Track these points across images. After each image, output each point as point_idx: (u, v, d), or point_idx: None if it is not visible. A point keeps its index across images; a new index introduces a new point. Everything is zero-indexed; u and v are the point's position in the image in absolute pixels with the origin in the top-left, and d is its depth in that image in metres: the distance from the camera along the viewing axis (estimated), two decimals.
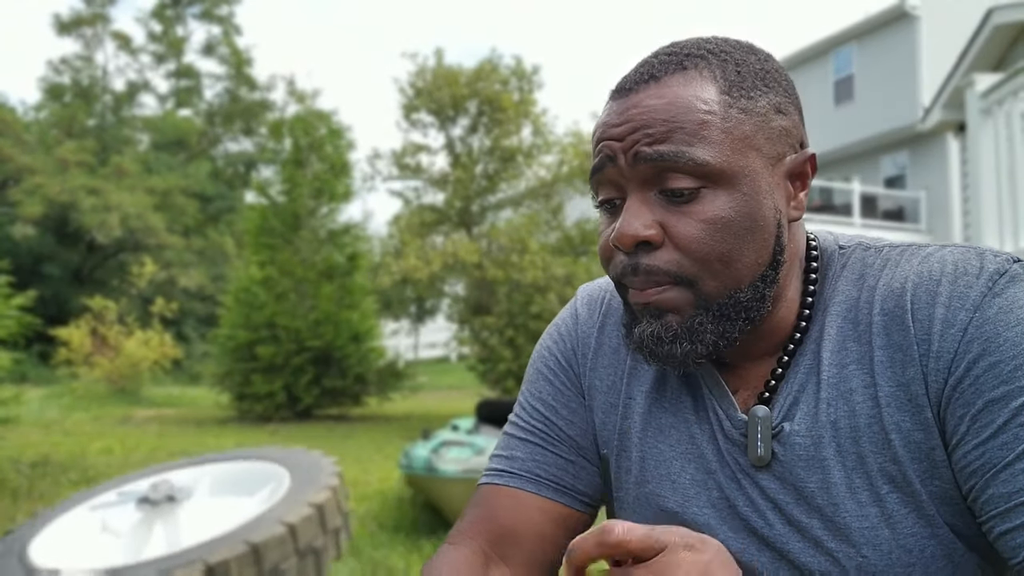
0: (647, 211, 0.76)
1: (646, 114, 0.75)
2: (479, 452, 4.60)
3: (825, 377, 0.78)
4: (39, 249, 23.11)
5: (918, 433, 0.73)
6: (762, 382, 0.82)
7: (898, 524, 0.74)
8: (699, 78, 0.76)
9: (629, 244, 0.76)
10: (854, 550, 0.75)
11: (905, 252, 0.79)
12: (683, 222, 0.75)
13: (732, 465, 0.81)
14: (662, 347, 0.77)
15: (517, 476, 0.91)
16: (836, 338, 0.78)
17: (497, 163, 11.30)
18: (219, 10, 29.92)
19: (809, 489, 0.76)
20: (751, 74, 0.77)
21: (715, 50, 0.78)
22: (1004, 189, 5.14)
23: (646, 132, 0.75)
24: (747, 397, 0.82)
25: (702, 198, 0.75)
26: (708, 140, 0.74)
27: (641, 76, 0.78)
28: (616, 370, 0.91)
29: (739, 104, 0.75)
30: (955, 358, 0.71)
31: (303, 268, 11.06)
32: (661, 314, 0.77)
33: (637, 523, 0.83)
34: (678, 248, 0.75)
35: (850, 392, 0.76)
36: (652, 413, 0.87)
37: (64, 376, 14.13)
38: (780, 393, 0.80)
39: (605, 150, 0.78)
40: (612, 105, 0.79)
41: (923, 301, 0.74)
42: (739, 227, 0.75)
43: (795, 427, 0.78)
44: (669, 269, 0.75)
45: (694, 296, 0.76)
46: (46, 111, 28.04)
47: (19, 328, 6.09)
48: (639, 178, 0.76)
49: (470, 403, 9.26)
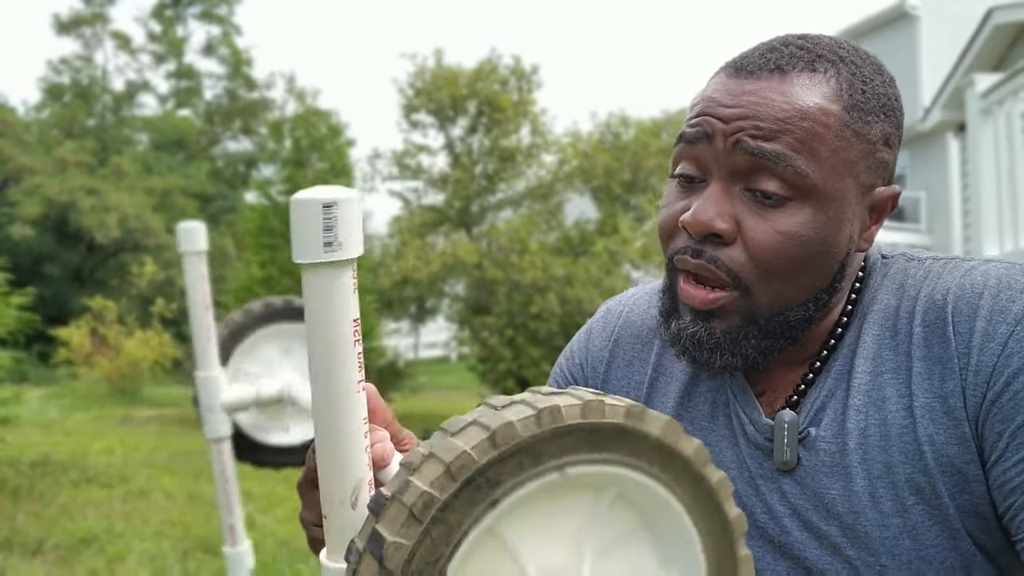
0: (727, 203, 0.73)
1: (762, 105, 0.72)
2: None
3: (856, 384, 0.76)
4: (39, 249, 23.10)
5: (952, 447, 0.72)
6: (792, 386, 0.81)
7: (921, 535, 0.73)
8: (825, 85, 0.73)
9: (701, 232, 0.74)
10: (873, 558, 0.74)
11: (948, 264, 0.78)
12: (761, 226, 0.73)
13: (753, 471, 0.80)
14: (701, 352, 0.75)
15: None
16: (872, 346, 0.77)
17: (496, 163, 11.30)
18: (219, 10, 29.91)
19: (831, 496, 0.76)
20: (874, 97, 0.74)
21: (847, 59, 0.75)
22: (1004, 189, 5.14)
23: (756, 124, 0.71)
24: (774, 399, 0.81)
25: (786, 208, 0.72)
26: (815, 153, 0.71)
27: (766, 62, 0.74)
28: (632, 381, 0.90)
29: (855, 126, 0.73)
30: (994, 372, 0.70)
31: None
32: (708, 317, 0.75)
33: None
34: (747, 250, 0.73)
35: (883, 400, 0.75)
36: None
37: (64, 376, 14.13)
38: (808, 398, 0.79)
39: (705, 125, 0.74)
40: (726, 82, 0.75)
41: (964, 314, 0.73)
42: (812, 247, 0.73)
43: (821, 432, 0.77)
44: (732, 268, 0.73)
45: (746, 305, 0.74)
46: (47, 111, 28.03)
47: (19, 327, 6.08)
48: (731, 167, 0.73)
49: (470, 403, 9.26)
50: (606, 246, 9.72)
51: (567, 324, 9.56)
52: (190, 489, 6.03)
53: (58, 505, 5.42)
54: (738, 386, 0.83)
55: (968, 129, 5.73)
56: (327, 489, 0.53)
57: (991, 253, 5.18)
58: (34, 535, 4.61)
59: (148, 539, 4.64)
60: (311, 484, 0.63)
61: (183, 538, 4.66)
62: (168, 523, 5.03)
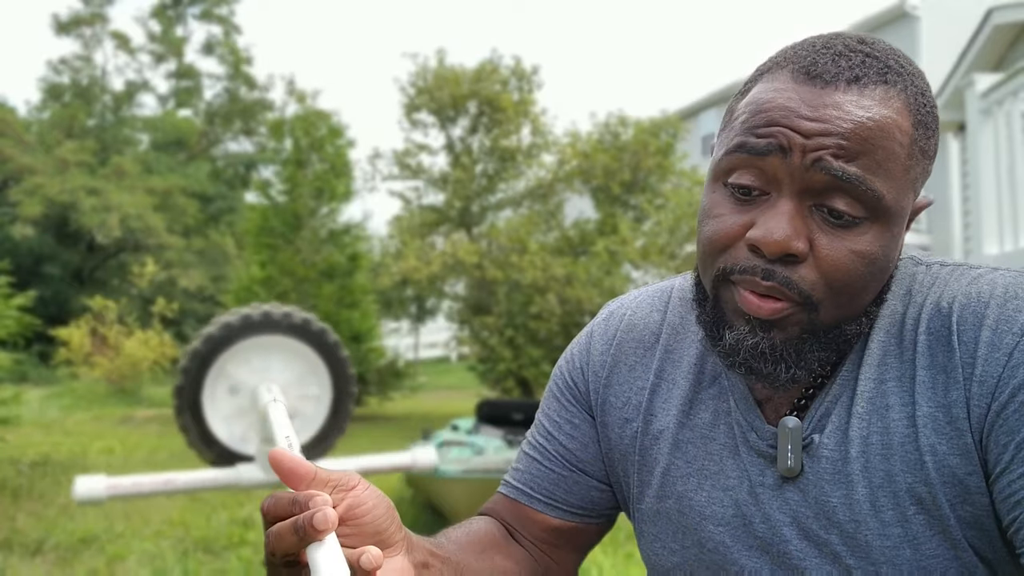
0: (800, 221, 0.70)
1: (847, 122, 0.68)
2: (479, 452, 4.60)
3: (861, 391, 0.75)
4: (39, 249, 23.09)
5: (954, 458, 0.71)
6: (796, 391, 0.79)
7: (922, 545, 0.72)
8: (898, 101, 0.70)
9: (777, 253, 0.69)
10: (873, 568, 0.73)
11: (955, 271, 0.77)
12: (835, 245, 0.70)
13: (753, 479, 0.79)
14: (764, 365, 0.72)
15: (514, 488, 0.94)
16: (877, 353, 0.76)
17: (497, 163, 11.30)
18: (219, 10, 29.90)
19: (831, 504, 0.75)
20: (930, 110, 0.72)
21: (907, 70, 0.72)
22: (1004, 189, 5.14)
23: (841, 144, 0.68)
24: (779, 406, 0.80)
25: (859, 228, 0.70)
26: (890, 174, 0.69)
27: (840, 71, 0.70)
28: (633, 386, 0.89)
29: (921, 143, 0.71)
30: (999, 383, 0.69)
31: (304, 268, 11.06)
32: (768, 328, 0.72)
33: (654, 537, 0.87)
34: (820, 269, 0.70)
35: (886, 408, 0.74)
36: (672, 428, 0.85)
37: (64, 376, 14.13)
38: (814, 403, 0.78)
39: (780, 137, 0.69)
40: (800, 90, 0.70)
41: (969, 323, 0.71)
42: (879, 265, 0.71)
43: (824, 439, 0.76)
44: (803, 288, 0.70)
45: (807, 319, 0.72)
46: (47, 111, 28.03)
47: (19, 328, 6.09)
48: (806, 184, 0.69)
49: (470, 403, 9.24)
50: (606, 246, 9.71)
51: (567, 324, 9.55)
52: None
53: (58, 505, 5.42)
54: (740, 394, 0.82)
55: (968, 129, 5.73)
56: None
57: (991, 253, 5.18)
58: (34, 535, 4.62)
59: (148, 539, 4.64)
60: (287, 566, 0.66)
61: (183, 538, 4.66)
62: (168, 523, 5.03)
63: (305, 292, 11.01)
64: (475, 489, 4.26)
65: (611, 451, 0.90)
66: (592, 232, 10.44)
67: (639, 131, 10.64)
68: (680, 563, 0.84)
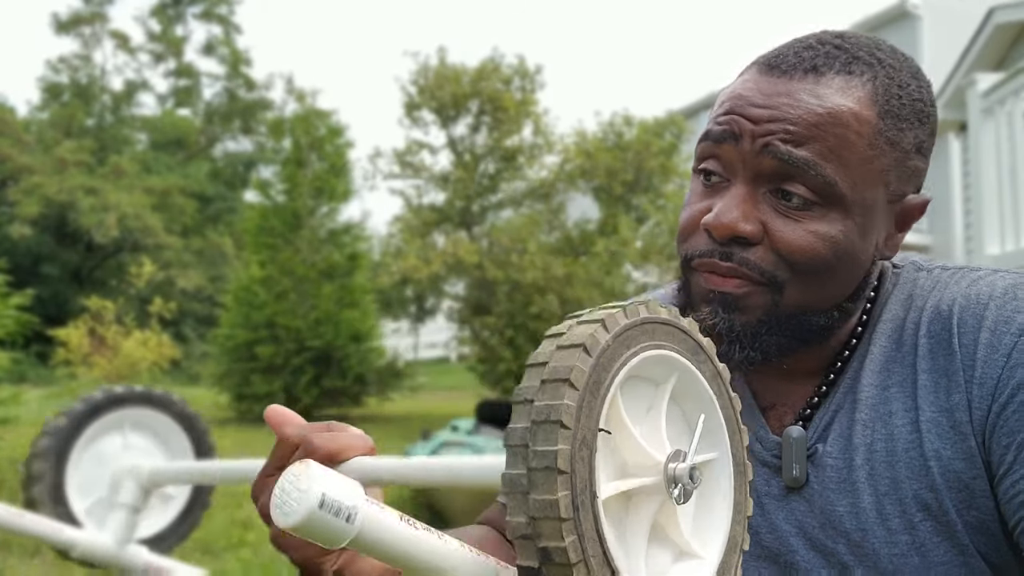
0: (751, 205, 0.71)
1: (795, 109, 0.69)
2: (479, 453, 4.59)
3: (863, 398, 0.75)
4: (37, 249, 23.09)
5: (958, 462, 0.70)
6: (802, 400, 0.79)
7: (929, 552, 0.71)
8: (861, 89, 0.70)
9: (724, 235, 0.71)
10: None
11: (956, 274, 0.76)
12: (790, 227, 0.70)
13: (759, 489, 0.79)
14: (720, 345, 0.73)
15: None
16: (879, 358, 0.75)
17: (498, 163, 11.29)
18: (219, 10, 29.89)
19: (838, 513, 0.74)
20: (909, 103, 0.72)
21: (885, 62, 0.72)
22: (1005, 189, 5.13)
23: (787, 128, 0.69)
24: (783, 414, 0.80)
25: (814, 212, 0.70)
26: (845, 161, 0.69)
27: (800, 61, 0.71)
28: None
29: (889, 133, 0.70)
30: (999, 384, 0.68)
31: (303, 267, 11.05)
32: (730, 310, 0.73)
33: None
34: (776, 251, 0.71)
35: (890, 415, 0.73)
36: None
37: (63, 376, 14.09)
38: (819, 412, 0.77)
39: (732, 125, 0.71)
40: (758, 80, 0.72)
41: (969, 325, 0.71)
42: (842, 252, 0.71)
43: (828, 448, 0.75)
44: (764, 267, 0.71)
45: (771, 301, 0.72)
46: (47, 111, 28.03)
47: (17, 327, 6.07)
48: (757, 169, 0.71)
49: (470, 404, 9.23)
50: (606, 246, 9.70)
51: None
52: None
53: None
54: (745, 403, 0.81)
55: (969, 128, 5.71)
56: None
57: (992, 253, 5.17)
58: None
59: None
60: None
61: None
62: None
63: (305, 292, 11.00)
64: (475, 491, 4.25)
65: None
66: (593, 232, 10.44)
67: (642, 131, 10.63)
68: None
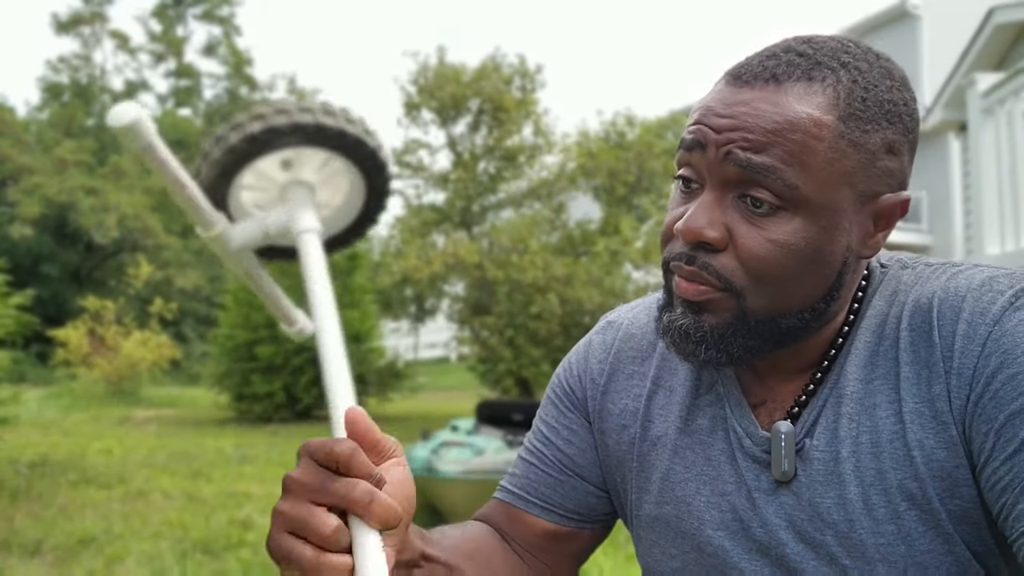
0: (719, 212, 0.74)
1: (752, 117, 0.71)
2: (479, 453, 4.58)
3: (848, 392, 0.77)
4: (37, 249, 23.09)
5: (941, 451, 0.72)
6: (791, 396, 0.81)
7: (915, 541, 0.73)
8: (821, 95, 0.71)
9: (691, 240, 0.74)
10: (869, 566, 0.74)
11: (937, 270, 0.78)
12: (752, 234, 0.73)
13: (750, 484, 0.81)
14: (687, 344, 0.76)
15: (510, 492, 0.95)
16: (863, 353, 0.77)
17: (498, 163, 11.28)
18: (220, 11, 29.89)
19: (825, 505, 0.76)
20: (876, 104, 0.73)
21: (850, 64, 0.73)
22: (1005, 189, 5.13)
23: (746, 136, 0.71)
24: (773, 410, 0.82)
25: (778, 217, 0.72)
26: (806, 166, 0.70)
27: (763, 71, 0.73)
28: (630, 393, 0.91)
29: (852, 136, 0.72)
30: (975, 373, 0.70)
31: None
32: (699, 311, 0.76)
33: (652, 542, 0.87)
34: (739, 258, 0.73)
35: (874, 407, 0.75)
36: (671, 435, 0.87)
37: (62, 376, 14.11)
38: (807, 408, 0.79)
39: (698, 134, 0.74)
40: (723, 90, 0.75)
41: (948, 317, 0.73)
42: (804, 257, 0.73)
43: (815, 442, 0.78)
44: (723, 274, 0.74)
45: (737, 306, 0.75)
46: (47, 111, 28.02)
47: (17, 327, 6.07)
48: (722, 176, 0.73)
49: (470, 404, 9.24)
50: (607, 246, 9.70)
51: (567, 324, 9.54)
52: (189, 490, 6.02)
53: (56, 506, 5.41)
54: (735, 400, 0.83)
55: (969, 129, 5.71)
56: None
57: (992, 252, 5.17)
58: (32, 536, 4.60)
59: (147, 540, 4.62)
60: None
61: (182, 539, 4.65)
62: (167, 524, 5.01)
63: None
64: (474, 490, 4.25)
65: (608, 457, 0.92)
66: (594, 232, 10.43)
67: (644, 131, 10.62)
68: (679, 568, 0.86)
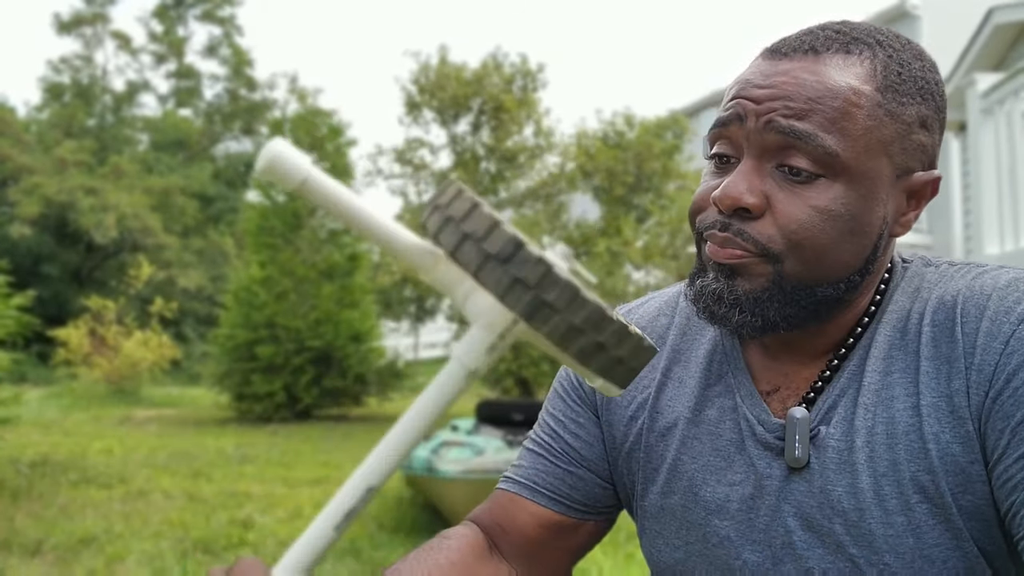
0: (757, 179, 0.74)
1: (793, 85, 0.73)
2: (479, 453, 4.58)
3: (867, 383, 0.77)
4: (38, 249, 23.09)
5: (956, 446, 0.72)
6: (805, 383, 0.82)
7: (924, 534, 0.73)
8: (859, 66, 0.74)
9: (729, 206, 0.75)
10: (876, 556, 0.74)
11: (962, 269, 0.79)
12: (792, 201, 0.73)
13: (761, 471, 0.81)
14: (720, 308, 0.77)
15: (516, 483, 0.95)
16: (883, 346, 0.78)
17: (499, 163, 11.28)
18: (221, 11, 29.88)
19: (836, 493, 0.76)
20: (911, 79, 0.75)
21: (884, 43, 0.76)
22: (1005, 189, 5.13)
23: (787, 103, 0.72)
24: (786, 397, 0.82)
25: (817, 184, 0.73)
26: (845, 132, 0.72)
27: (801, 44, 0.75)
28: (640, 385, 0.92)
29: (889, 106, 0.73)
30: (996, 370, 0.70)
31: (303, 268, 11.05)
32: (732, 276, 0.76)
33: (657, 533, 0.87)
34: (777, 224, 0.74)
35: (891, 399, 0.76)
36: (680, 426, 0.87)
37: (63, 376, 14.11)
38: (822, 396, 0.80)
39: (737, 108, 0.75)
40: (761, 64, 0.76)
41: (972, 315, 0.74)
42: (843, 225, 0.73)
43: (830, 430, 0.78)
44: (760, 240, 0.74)
45: (773, 272, 0.75)
46: (47, 111, 28.02)
47: (18, 328, 6.07)
48: (762, 145, 0.74)
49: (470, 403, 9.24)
50: (608, 246, 9.69)
51: None
52: (189, 490, 6.02)
53: (57, 505, 5.41)
54: (746, 390, 0.83)
55: (969, 129, 5.72)
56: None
57: (992, 253, 5.17)
58: (33, 535, 4.60)
59: (147, 540, 4.63)
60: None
61: (182, 539, 4.65)
62: (167, 524, 5.01)
63: (305, 292, 11.00)
64: (475, 490, 4.25)
65: (615, 449, 0.92)
66: (594, 233, 10.43)
67: (643, 131, 10.60)
68: (683, 559, 0.86)
